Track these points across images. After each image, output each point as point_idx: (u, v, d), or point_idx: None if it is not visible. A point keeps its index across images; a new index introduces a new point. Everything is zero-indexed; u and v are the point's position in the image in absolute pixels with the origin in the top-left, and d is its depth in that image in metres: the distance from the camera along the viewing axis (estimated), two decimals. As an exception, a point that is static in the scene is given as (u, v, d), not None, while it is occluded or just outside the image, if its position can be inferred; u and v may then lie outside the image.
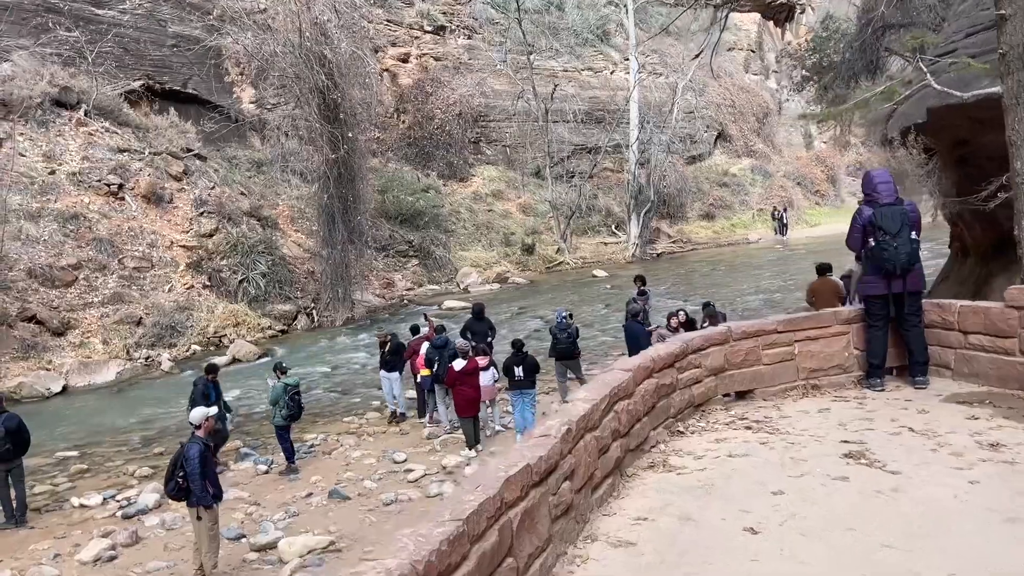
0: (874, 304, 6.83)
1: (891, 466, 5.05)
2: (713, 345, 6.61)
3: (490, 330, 15.70)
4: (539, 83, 36.30)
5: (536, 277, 32.07)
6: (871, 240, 6.74)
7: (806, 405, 6.59)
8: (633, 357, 5.93)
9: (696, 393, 6.47)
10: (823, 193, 44.93)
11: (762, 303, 23.27)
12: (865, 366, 7.02)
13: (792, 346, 6.91)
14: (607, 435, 4.93)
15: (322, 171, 24.03)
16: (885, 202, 6.77)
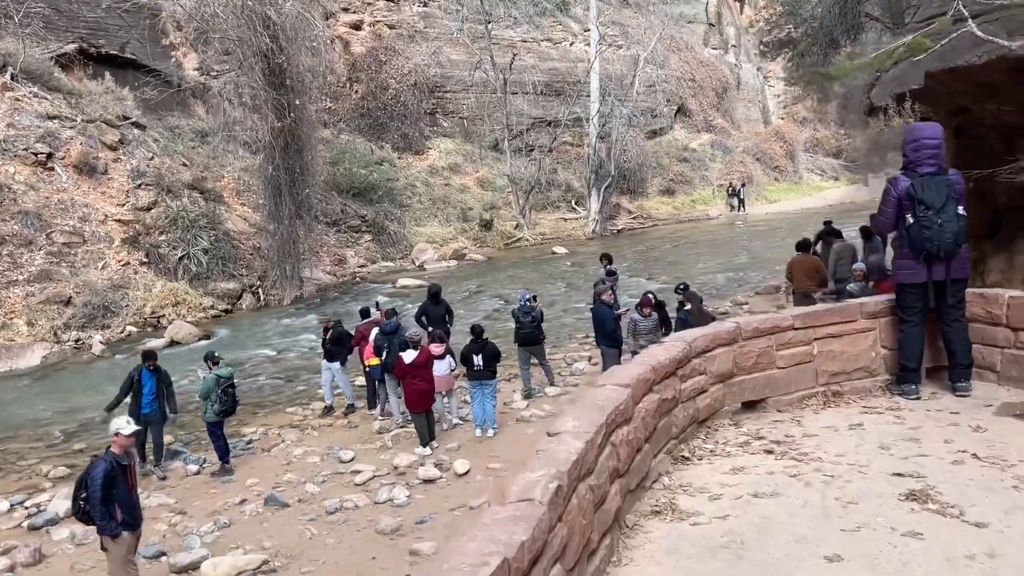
0: (910, 295, 5.60)
1: (971, 514, 3.81)
2: (720, 346, 5.32)
3: (448, 314, 14.30)
4: (497, 53, 34.66)
5: (494, 253, 30.67)
6: (909, 217, 5.49)
7: (831, 418, 5.35)
8: (629, 366, 4.61)
9: (701, 406, 5.19)
10: (782, 169, 44.11)
11: (728, 281, 22.21)
12: (895, 368, 5.80)
13: (811, 345, 5.65)
14: (604, 479, 3.62)
15: (267, 141, 22.26)
16: (927, 171, 5.52)
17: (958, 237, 5.40)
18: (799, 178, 44.30)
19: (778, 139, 45.44)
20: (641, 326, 12.27)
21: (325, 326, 13.42)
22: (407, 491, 10.04)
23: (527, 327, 13.20)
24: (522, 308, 13.26)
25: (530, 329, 13.21)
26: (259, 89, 21.40)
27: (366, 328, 13.11)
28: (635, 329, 12.31)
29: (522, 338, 13.27)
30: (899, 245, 5.75)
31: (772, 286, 20.26)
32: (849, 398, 5.67)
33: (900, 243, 5.70)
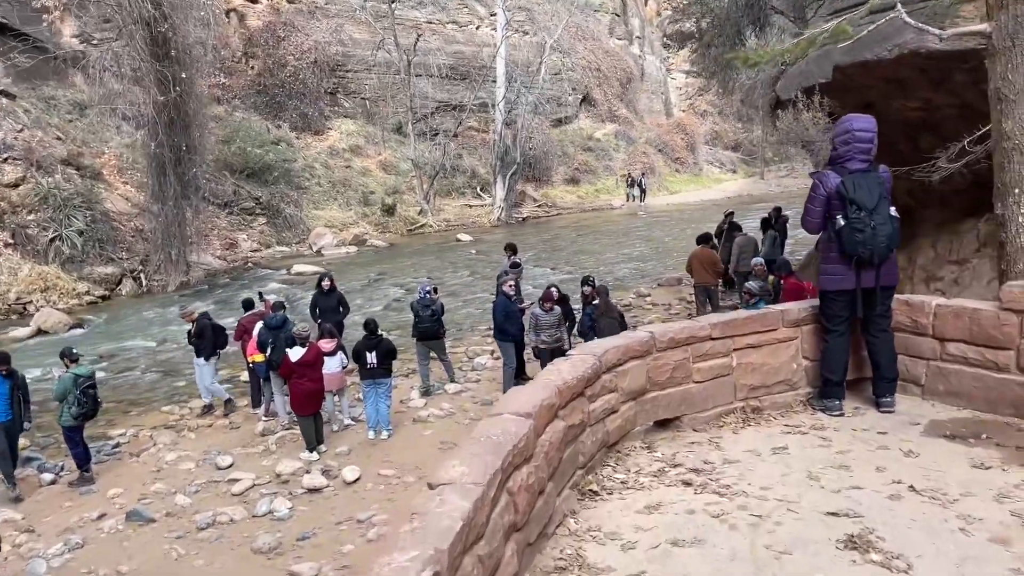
0: (836, 302, 5.10)
1: (920, 569, 3.27)
2: (633, 358, 4.68)
3: (341, 306, 13.33)
4: (401, 34, 33.46)
5: (397, 240, 29.63)
6: (839, 218, 4.97)
7: (752, 439, 4.79)
8: (532, 388, 3.89)
9: (611, 428, 4.53)
10: (683, 161, 44.49)
11: (632, 272, 21.91)
12: (817, 381, 5.31)
13: (729, 356, 5.08)
14: (498, 541, 2.89)
15: (150, 116, 20.58)
16: (857, 168, 5.01)
17: (891, 241, 4.92)
18: (699, 170, 44.79)
19: (680, 131, 45.81)
20: (542, 321, 11.64)
21: (186, 318, 12.19)
22: (289, 502, 9.12)
23: (426, 321, 12.42)
24: (421, 301, 12.45)
25: (429, 323, 12.43)
26: (141, 60, 19.72)
27: (249, 321, 12.04)
28: (536, 324, 11.68)
29: (420, 332, 12.48)
30: (825, 248, 5.24)
31: (674, 278, 20.06)
32: (770, 414, 5.13)
33: (827, 246, 5.19)
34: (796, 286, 11.33)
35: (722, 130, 49.12)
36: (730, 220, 18.09)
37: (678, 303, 17.81)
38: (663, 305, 17.70)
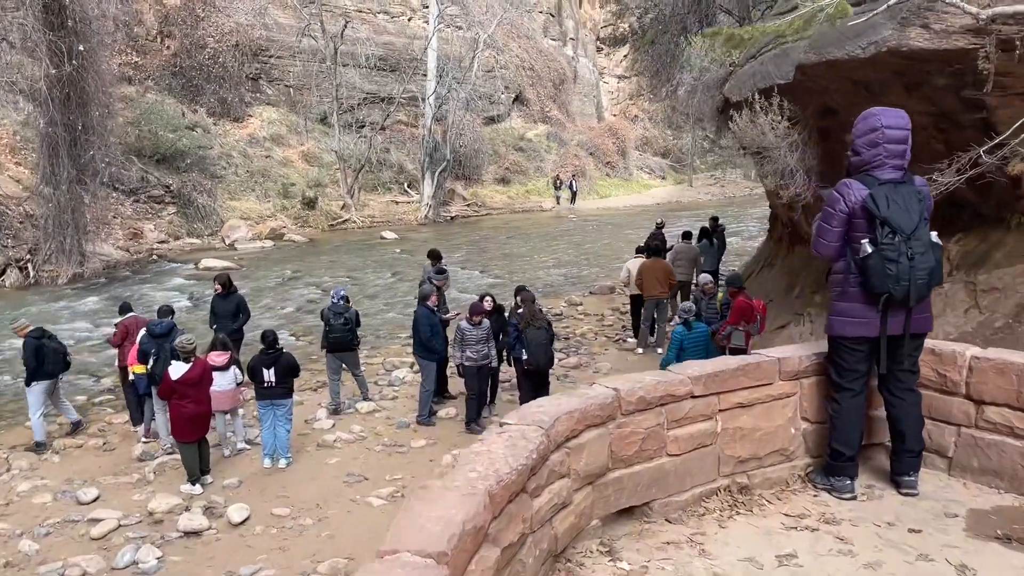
0: (852, 353, 3.85)
1: None
2: (592, 426, 3.33)
3: (240, 311, 11.65)
4: (329, 21, 31.58)
5: (317, 235, 27.77)
6: (865, 243, 3.72)
7: (745, 537, 3.50)
8: (447, 497, 2.49)
9: (561, 530, 3.16)
10: (613, 165, 43.64)
11: (563, 279, 20.69)
12: (819, 449, 4.06)
13: (713, 420, 3.78)
14: None
15: (42, 91, 18.37)
16: (889, 178, 3.78)
17: (933, 276, 3.69)
18: (629, 175, 44.04)
19: (611, 135, 44.97)
20: (469, 336, 10.25)
21: (19, 333, 10.17)
22: (159, 550, 7.49)
23: (338, 331, 10.88)
24: (333, 308, 10.91)
25: (341, 333, 10.90)
26: (32, 28, 17.50)
27: (132, 323, 10.32)
28: (462, 339, 10.28)
29: (332, 343, 10.94)
30: (840, 281, 3.97)
31: (606, 286, 18.91)
32: (762, 496, 3.85)
33: (844, 279, 3.93)
34: (745, 304, 10.22)
35: (652, 136, 48.55)
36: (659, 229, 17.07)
37: (611, 313, 16.65)
38: (595, 315, 16.51)
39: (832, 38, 8.47)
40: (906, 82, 8.10)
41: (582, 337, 14.66)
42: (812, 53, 8.76)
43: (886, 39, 7.57)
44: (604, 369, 12.67)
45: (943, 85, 7.74)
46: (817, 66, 8.75)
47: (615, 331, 15.22)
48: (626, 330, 15.13)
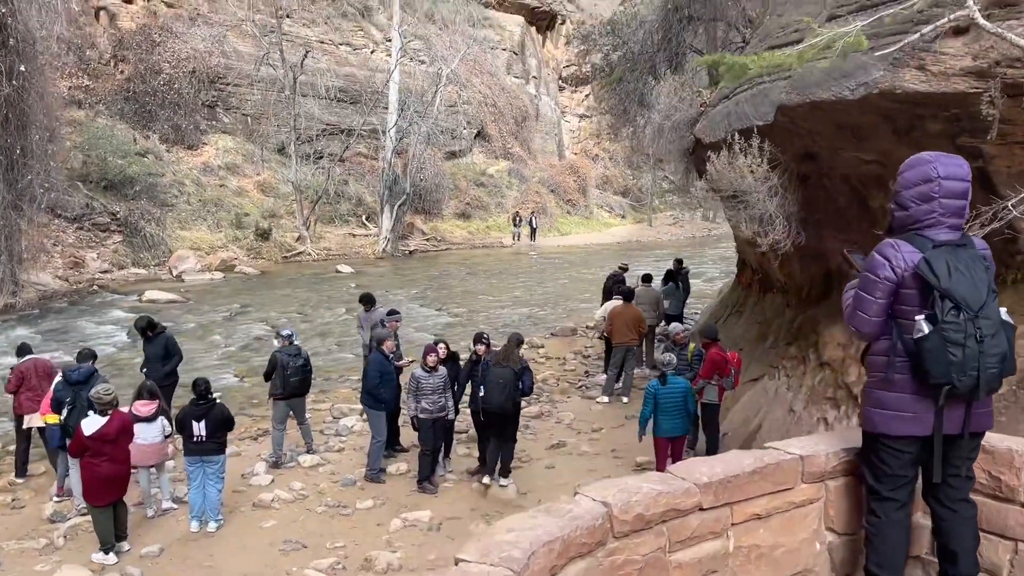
0: (898, 456, 3.08)
1: None
2: (577, 558, 2.51)
3: (168, 354, 10.58)
4: (290, 50, 30.75)
5: (270, 267, 26.65)
6: (921, 320, 2.97)
7: None
8: None
9: None
10: (574, 202, 43.22)
11: (524, 319, 19.89)
12: (851, 569, 3.28)
13: (724, 536, 2.98)
14: None
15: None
16: (946, 239, 3.06)
17: (1006, 363, 2.96)
18: (590, 213, 43.65)
19: (572, 173, 44.62)
20: (424, 384, 9.36)
21: None
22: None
23: (298, 374, 9.89)
24: (287, 351, 9.93)
25: (303, 376, 9.96)
26: (-33, 45, 16.41)
27: (29, 369, 9.26)
28: (417, 388, 9.40)
29: (292, 388, 9.92)
30: (883, 365, 3.19)
31: (568, 327, 18.16)
32: (781, 630, 3.05)
33: (887, 363, 3.15)
34: (719, 357, 9.52)
35: (612, 175, 48.35)
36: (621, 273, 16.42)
37: (573, 357, 15.88)
38: (557, 359, 15.73)
39: (817, 78, 7.89)
40: (896, 127, 7.53)
41: (543, 383, 13.84)
42: (795, 94, 8.17)
43: (877, 80, 6.99)
44: (567, 420, 11.88)
45: (937, 131, 7.18)
46: (800, 107, 8.17)
47: (577, 376, 14.46)
48: (589, 375, 14.37)
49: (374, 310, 12.26)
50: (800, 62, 5.78)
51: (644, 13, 14.38)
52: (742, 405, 10.30)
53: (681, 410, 9.07)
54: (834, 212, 9.44)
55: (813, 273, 10.51)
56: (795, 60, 5.75)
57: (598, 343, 16.87)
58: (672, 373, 9.18)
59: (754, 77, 9.68)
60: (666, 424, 9.01)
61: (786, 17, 10.00)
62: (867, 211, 8.90)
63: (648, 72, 13.75)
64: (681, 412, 9.08)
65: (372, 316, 12.13)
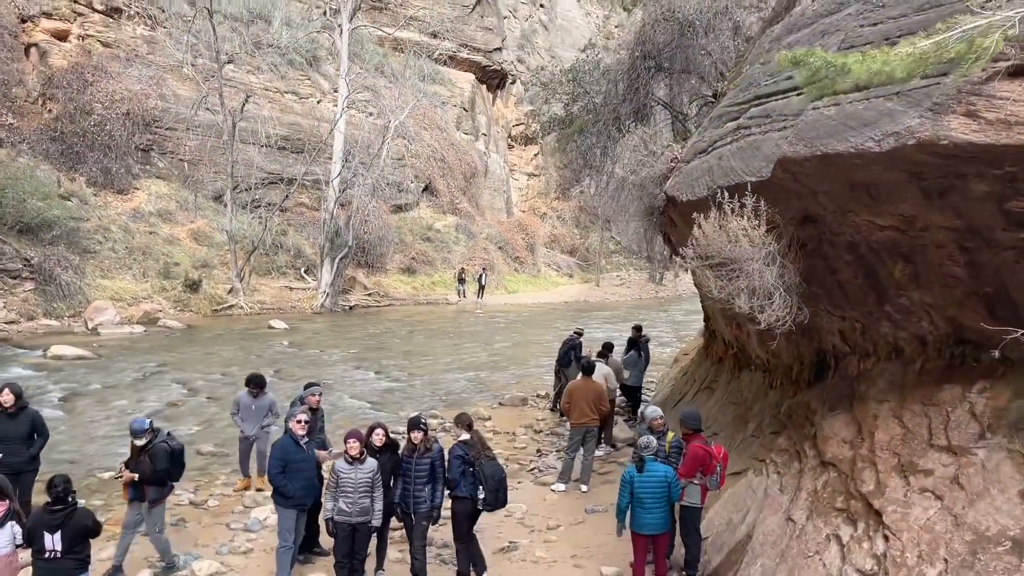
0: None
1: None
2: None
3: (36, 433, 8.49)
4: (232, 96, 28.95)
5: (197, 321, 24.36)
6: None
7: None
8: None
9: None
10: (522, 260, 41.87)
11: (468, 385, 18.09)
12: None
13: None
14: None
15: None
16: None
17: None
18: (538, 271, 42.32)
19: (520, 230, 43.38)
20: (345, 479, 7.54)
21: None
22: None
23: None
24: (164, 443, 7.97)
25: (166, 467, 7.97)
26: None
27: None
28: (336, 483, 7.56)
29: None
30: None
31: (518, 397, 16.42)
32: None
33: None
34: (702, 452, 7.90)
35: (560, 234, 47.30)
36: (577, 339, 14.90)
37: (524, 431, 14.11)
38: (506, 434, 13.94)
39: (828, 127, 6.50)
40: (926, 186, 6.14)
41: (491, 464, 12.00)
42: (801, 145, 6.75)
43: (913, 129, 5.59)
44: (518, 512, 10.08)
45: (982, 193, 5.80)
46: (807, 161, 6.75)
47: (529, 456, 12.67)
48: (542, 455, 12.62)
49: (263, 396, 10.04)
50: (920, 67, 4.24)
51: (608, 62, 13.10)
52: (723, 503, 8.66)
53: (662, 502, 7.48)
54: (833, 284, 8.02)
55: (803, 352, 9.04)
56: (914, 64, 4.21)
57: (550, 415, 15.19)
58: (651, 457, 7.56)
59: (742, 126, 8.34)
60: (645, 518, 7.45)
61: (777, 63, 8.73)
62: (875, 284, 7.50)
63: (612, 124, 12.41)
64: (662, 504, 7.49)
65: (259, 403, 10.03)
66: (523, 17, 57.16)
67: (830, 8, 7.91)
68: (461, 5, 46.21)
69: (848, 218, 7.16)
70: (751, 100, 8.80)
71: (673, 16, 11.42)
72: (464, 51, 45.89)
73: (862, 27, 7.05)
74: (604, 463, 11.88)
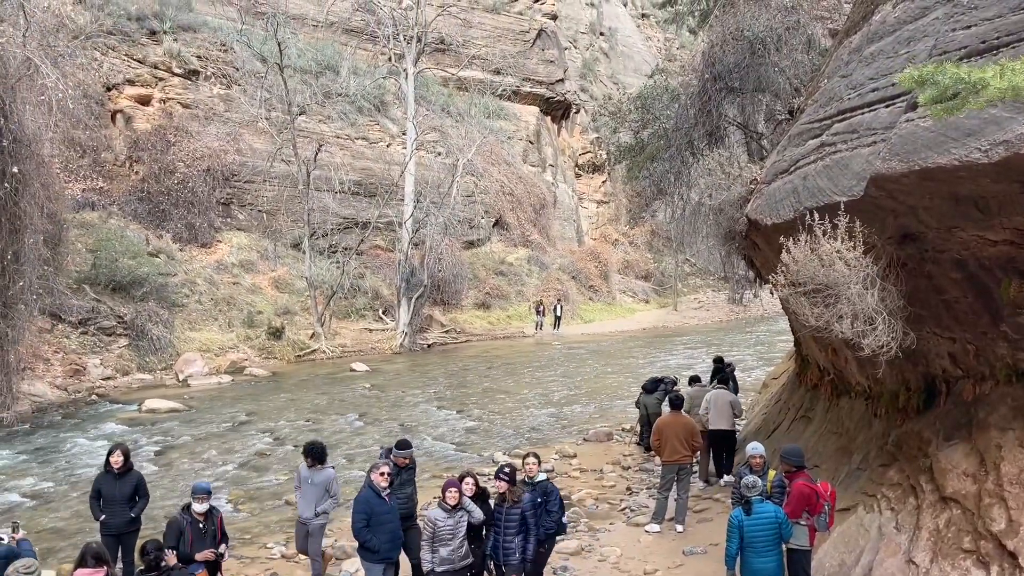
0: None
1: None
2: None
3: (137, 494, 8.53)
4: (305, 146, 29.74)
5: (282, 367, 24.82)
6: None
7: None
8: None
9: None
10: (597, 288, 41.44)
11: (550, 420, 17.79)
12: None
13: None
14: None
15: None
16: None
17: None
18: (613, 298, 41.79)
19: (593, 258, 43.00)
20: (443, 529, 7.36)
21: None
22: None
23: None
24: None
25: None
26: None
27: None
28: (434, 533, 7.38)
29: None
30: None
31: (603, 432, 16.03)
32: None
33: None
34: (807, 490, 7.41)
35: (634, 259, 46.67)
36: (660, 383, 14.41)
37: (611, 468, 13.70)
38: (593, 471, 13.56)
39: (926, 140, 6.10)
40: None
41: (580, 504, 11.68)
42: (896, 160, 6.35)
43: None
44: (612, 557, 9.67)
45: (1110, 200, 5.29)
46: (904, 178, 6.33)
47: (618, 494, 12.27)
48: (632, 494, 12.21)
49: (322, 469, 8.59)
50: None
51: (676, 86, 12.82)
52: (833, 543, 8.11)
53: (774, 545, 7.03)
54: (939, 305, 7.48)
55: (909, 377, 8.46)
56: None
57: (637, 450, 14.75)
58: (758, 498, 7.13)
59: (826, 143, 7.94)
60: (757, 563, 7.00)
61: (857, 75, 8.31)
62: (988, 303, 6.95)
63: (684, 148, 12.10)
64: (774, 548, 7.04)
65: (317, 478, 8.52)
66: (584, 46, 57.31)
67: (914, 14, 7.47)
68: (522, 40, 46.62)
69: (954, 234, 6.68)
70: (834, 115, 8.40)
71: (742, 35, 11.11)
72: (527, 85, 46.18)
73: (953, 31, 6.64)
74: (699, 500, 11.40)
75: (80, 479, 13.29)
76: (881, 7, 8.33)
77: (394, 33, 32.41)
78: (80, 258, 23.71)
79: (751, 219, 9.98)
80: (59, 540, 10.71)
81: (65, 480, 13.37)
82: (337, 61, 36.77)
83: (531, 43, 47.14)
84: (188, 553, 7.21)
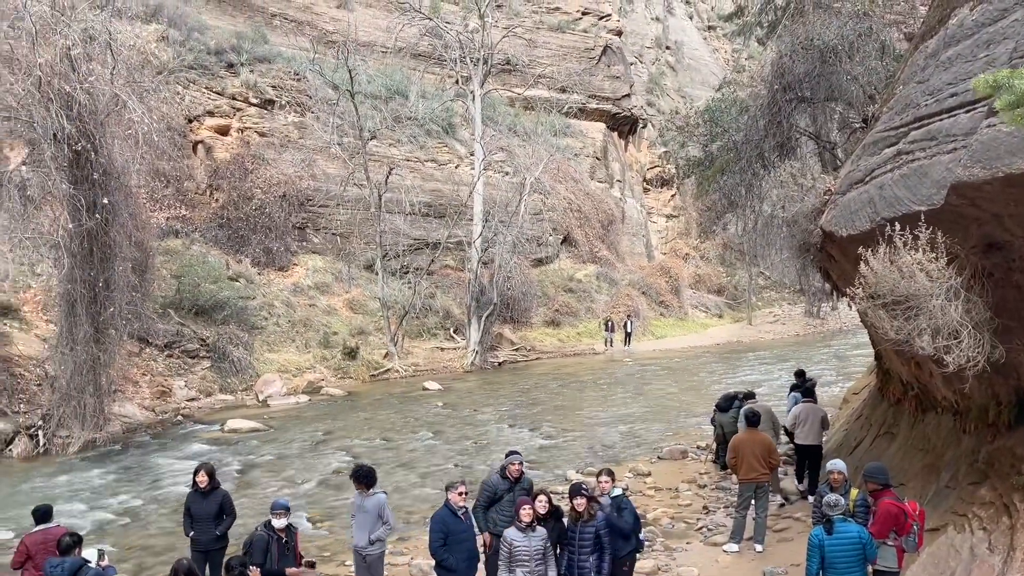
0: None
1: None
2: None
3: (223, 512, 8.86)
4: (376, 169, 30.44)
5: (357, 387, 25.31)
6: None
7: None
8: None
9: None
10: (668, 304, 40.99)
11: (623, 438, 17.65)
12: None
13: None
14: None
15: (64, 246, 16.78)
16: None
17: None
18: (685, 314, 41.27)
19: (663, 274, 42.57)
20: (520, 548, 7.39)
21: None
22: None
23: None
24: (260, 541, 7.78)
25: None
26: (51, 181, 16.04)
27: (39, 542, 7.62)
28: (511, 554, 7.42)
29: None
30: None
31: (678, 450, 15.81)
32: None
33: None
34: (894, 509, 7.18)
35: (705, 274, 46.05)
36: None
37: (687, 487, 13.50)
38: (668, 490, 13.39)
39: (1009, 145, 5.91)
40: None
41: (655, 523, 11.54)
42: (978, 167, 6.17)
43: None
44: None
45: None
46: (986, 185, 6.14)
47: (695, 513, 12.08)
48: (709, 512, 12.01)
49: (372, 494, 8.30)
50: None
51: (744, 98, 12.68)
52: (922, 565, 7.81)
53: (857, 565, 6.82)
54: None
55: (999, 391, 8.12)
56: None
57: (712, 468, 14.50)
58: (840, 517, 6.94)
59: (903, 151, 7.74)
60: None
61: (934, 81, 8.08)
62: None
63: (755, 160, 11.93)
64: (857, 568, 6.83)
65: (367, 503, 8.24)
66: (650, 61, 57.14)
67: (993, 16, 7.25)
68: (587, 58, 46.75)
69: (1046, 240, 6.42)
70: (910, 123, 8.19)
71: (812, 44, 10.93)
72: (593, 102, 46.24)
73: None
74: (779, 519, 11.13)
75: (167, 497, 13.83)
76: (958, 10, 8.10)
77: (461, 56, 32.93)
78: (165, 284, 24.72)
79: (826, 231, 9.78)
80: (148, 557, 11.14)
81: (153, 499, 13.91)
82: (406, 86, 37.55)
83: (596, 60, 47.22)
84: (275, 569, 7.43)
